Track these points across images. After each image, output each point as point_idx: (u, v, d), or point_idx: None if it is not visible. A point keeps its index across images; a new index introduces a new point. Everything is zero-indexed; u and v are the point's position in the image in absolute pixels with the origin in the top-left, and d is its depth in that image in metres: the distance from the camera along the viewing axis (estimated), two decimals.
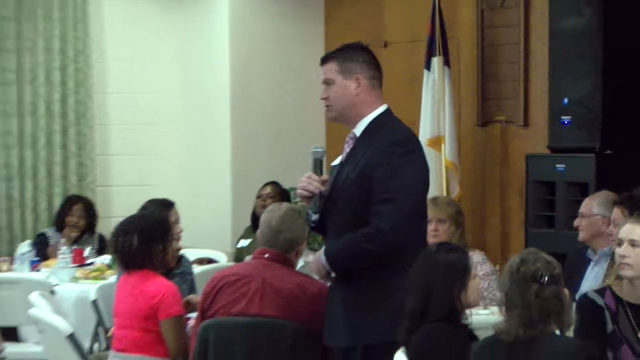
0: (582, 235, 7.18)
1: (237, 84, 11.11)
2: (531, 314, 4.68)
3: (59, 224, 10.16)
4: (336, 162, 5.92)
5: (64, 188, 11.00)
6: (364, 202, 5.62)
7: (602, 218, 7.11)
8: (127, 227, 6.93)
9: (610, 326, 5.49)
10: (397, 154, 5.65)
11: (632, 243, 5.55)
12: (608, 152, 8.56)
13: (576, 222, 7.26)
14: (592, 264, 7.11)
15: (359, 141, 5.78)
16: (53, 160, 11.03)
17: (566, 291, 4.87)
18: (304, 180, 5.80)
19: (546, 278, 4.71)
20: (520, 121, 9.61)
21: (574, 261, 7.36)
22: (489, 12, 9.86)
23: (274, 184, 10.07)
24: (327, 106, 5.90)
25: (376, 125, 5.77)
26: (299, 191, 5.87)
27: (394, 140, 5.70)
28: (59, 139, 11.02)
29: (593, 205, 7.18)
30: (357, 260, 5.67)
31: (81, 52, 11.08)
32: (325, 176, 5.81)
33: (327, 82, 5.83)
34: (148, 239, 6.86)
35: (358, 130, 5.81)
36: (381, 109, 5.80)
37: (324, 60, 5.91)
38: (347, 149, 5.85)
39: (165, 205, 8.17)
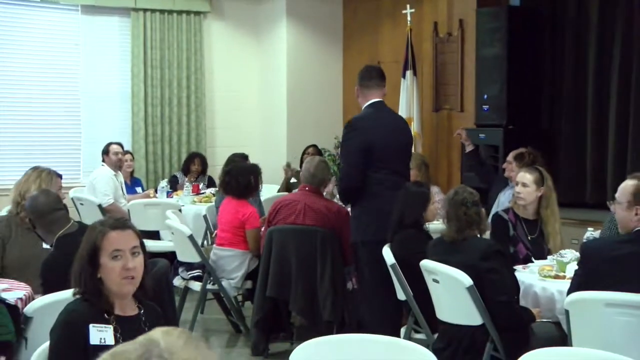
0: (506, 173, 7.18)
1: (290, 89, 11.01)
2: (461, 224, 4.68)
3: (185, 169, 10.13)
4: None
5: (188, 148, 10.95)
6: None
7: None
8: (243, 171, 6.91)
9: (511, 232, 5.50)
10: (344, 134, 5.74)
11: (523, 185, 5.58)
12: (510, 127, 8.52)
13: (504, 165, 7.28)
14: (508, 187, 7.08)
15: None
16: (181, 132, 10.98)
17: (483, 210, 4.86)
18: None
19: (470, 202, 4.71)
20: (458, 108, 9.52)
21: (502, 186, 7.36)
22: (440, 45, 9.75)
23: (314, 146, 10.05)
24: None
25: None
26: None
27: (345, 125, 5.82)
28: (185, 120, 10.97)
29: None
30: (339, 195, 6.06)
31: (198, 68, 11.01)
32: None
33: None
34: (257, 179, 6.88)
35: None
36: (368, 102, 5.78)
37: None
38: None
39: (244, 157, 8.18)
